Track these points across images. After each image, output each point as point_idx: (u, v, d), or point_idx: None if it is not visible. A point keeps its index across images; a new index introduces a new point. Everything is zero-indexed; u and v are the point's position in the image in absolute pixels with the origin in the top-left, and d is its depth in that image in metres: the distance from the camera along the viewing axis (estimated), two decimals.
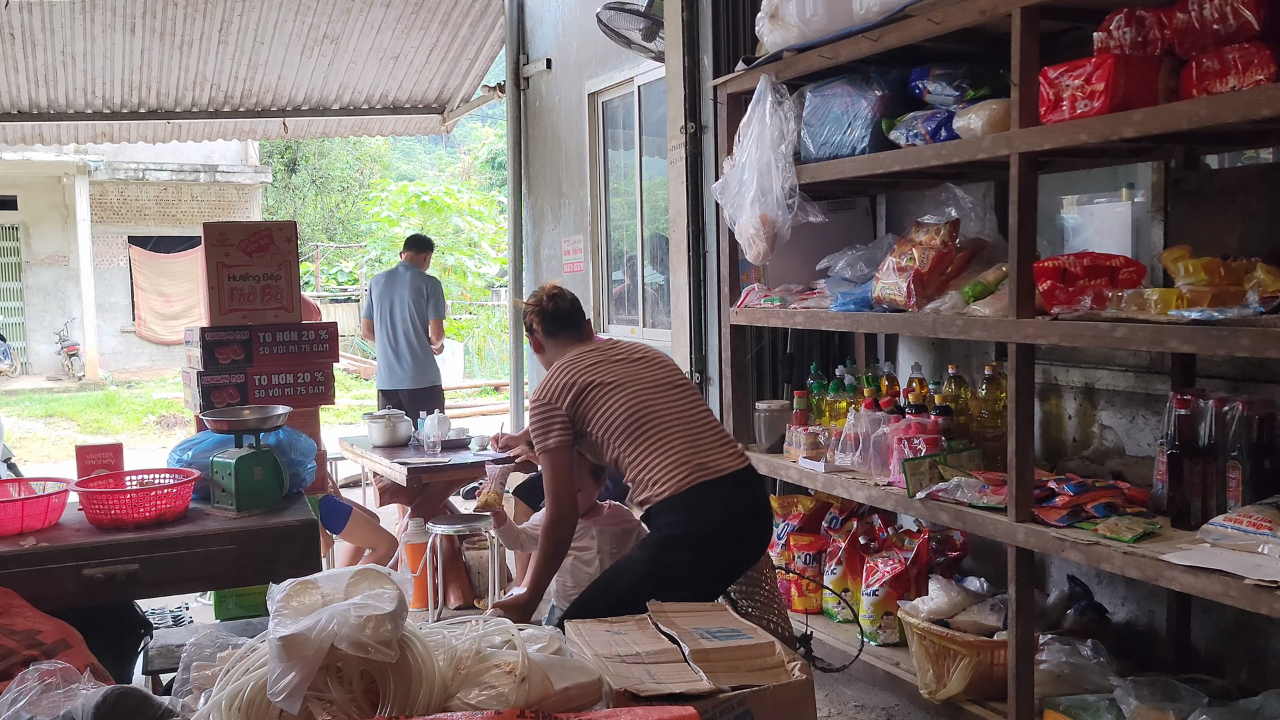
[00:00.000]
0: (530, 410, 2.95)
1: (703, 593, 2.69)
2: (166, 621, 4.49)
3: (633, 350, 3.04)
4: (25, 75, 7.45)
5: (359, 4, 7.21)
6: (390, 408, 6.27)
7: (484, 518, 4.82)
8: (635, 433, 2.81)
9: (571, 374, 2.91)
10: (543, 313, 3.14)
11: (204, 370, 3.77)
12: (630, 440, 2.81)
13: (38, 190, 16.37)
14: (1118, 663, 2.98)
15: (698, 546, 2.73)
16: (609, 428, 2.83)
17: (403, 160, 28.55)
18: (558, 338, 3.13)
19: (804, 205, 3.47)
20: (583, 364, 2.93)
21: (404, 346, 6.42)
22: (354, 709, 1.49)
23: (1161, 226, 3.13)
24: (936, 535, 3.67)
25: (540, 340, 3.16)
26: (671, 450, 2.79)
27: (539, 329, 3.15)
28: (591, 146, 6.73)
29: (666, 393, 2.91)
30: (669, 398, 2.90)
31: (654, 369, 2.97)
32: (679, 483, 2.74)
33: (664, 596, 2.61)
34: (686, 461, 2.77)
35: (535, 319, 3.15)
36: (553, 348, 3.12)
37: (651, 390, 2.89)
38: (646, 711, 1.49)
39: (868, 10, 3.10)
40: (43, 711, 1.76)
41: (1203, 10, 2.36)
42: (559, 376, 2.92)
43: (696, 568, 2.73)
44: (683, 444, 2.80)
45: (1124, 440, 3.30)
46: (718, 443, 2.87)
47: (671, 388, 2.93)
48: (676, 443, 2.80)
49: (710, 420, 2.93)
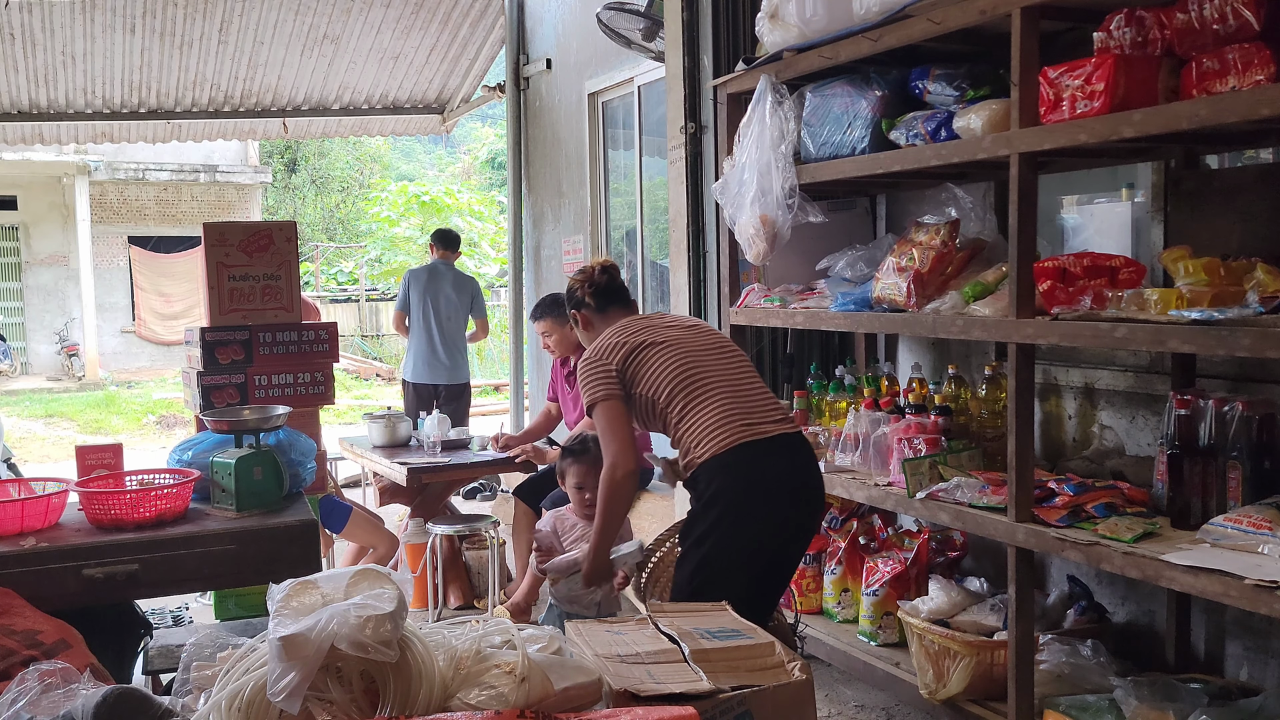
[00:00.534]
0: (580, 370, 2.92)
1: (754, 559, 2.72)
2: (166, 621, 4.49)
3: (681, 319, 3.05)
4: (25, 75, 7.45)
5: (359, 4, 7.21)
6: (416, 401, 6.49)
7: (484, 517, 4.82)
8: (681, 393, 2.79)
9: (623, 335, 2.90)
10: (595, 285, 3.11)
11: (204, 370, 3.77)
12: (676, 400, 2.79)
13: (38, 190, 16.37)
14: (1118, 663, 2.98)
15: (738, 509, 2.69)
16: (656, 387, 2.81)
17: (403, 160, 28.55)
18: (607, 313, 3.10)
19: (804, 205, 3.47)
20: (633, 328, 2.93)
21: (447, 342, 6.59)
22: (354, 709, 1.49)
23: (1161, 226, 3.13)
24: (936, 535, 3.67)
25: (589, 315, 3.12)
26: (716, 411, 2.75)
27: (590, 302, 3.11)
28: (591, 146, 6.73)
29: (715, 355, 2.88)
30: (718, 360, 2.87)
31: (703, 334, 2.96)
32: (720, 443, 2.71)
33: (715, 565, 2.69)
34: (731, 422, 2.73)
35: (586, 293, 3.11)
36: (601, 323, 3.09)
37: (700, 352, 2.86)
38: (646, 711, 1.49)
39: (868, 10, 3.10)
40: (43, 711, 1.76)
41: (1203, 10, 2.36)
42: (610, 337, 2.92)
43: (739, 533, 2.69)
44: (728, 405, 2.76)
45: (1124, 440, 3.30)
46: (765, 406, 2.82)
47: (721, 352, 2.90)
48: (722, 403, 2.76)
49: (759, 385, 2.89)
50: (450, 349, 6.64)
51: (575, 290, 3.15)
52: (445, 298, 6.65)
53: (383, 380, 16.44)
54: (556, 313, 4.88)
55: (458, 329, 6.71)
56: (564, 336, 4.91)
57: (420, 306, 6.62)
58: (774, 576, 2.83)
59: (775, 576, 2.83)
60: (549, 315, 4.91)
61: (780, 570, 2.85)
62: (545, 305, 4.97)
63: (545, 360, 6.07)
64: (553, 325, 4.91)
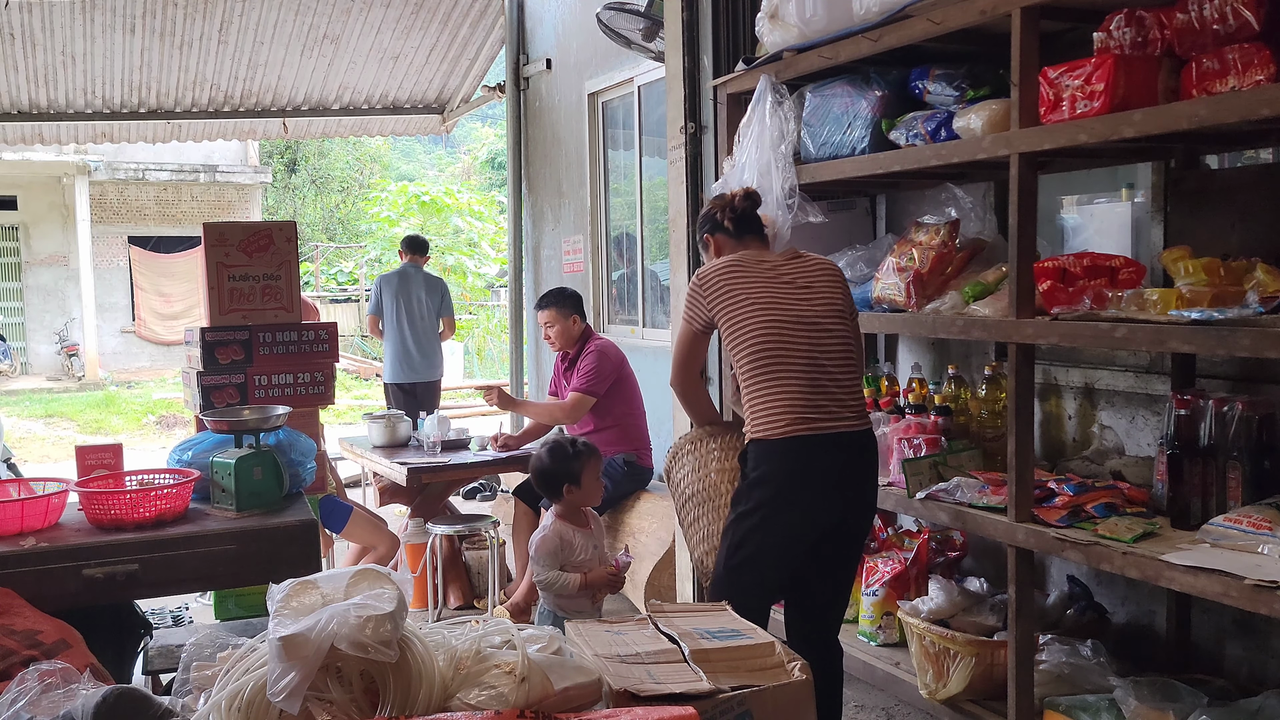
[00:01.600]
0: (691, 283, 2.91)
1: (789, 549, 2.74)
2: (166, 621, 4.49)
3: (801, 274, 2.86)
4: (25, 75, 7.45)
5: (359, 4, 7.21)
6: (401, 400, 6.76)
7: (484, 517, 4.82)
8: (756, 364, 2.74)
9: (730, 278, 2.82)
10: (735, 211, 3.01)
11: (204, 370, 3.77)
12: (749, 368, 2.76)
13: (38, 190, 16.37)
14: (1118, 663, 2.98)
15: (778, 499, 2.69)
16: (736, 347, 2.78)
17: (403, 160, 28.55)
18: (743, 239, 3.00)
19: (804, 205, 3.47)
20: (745, 266, 2.84)
21: (421, 342, 6.84)
22: (354, 709, 1.49)
23: (1161, 226, 3.13)
24: (936, 535, 3.67)
25: (724, 240, 3.01)
26: (782, 394, 2.70)
27: (729, 227, 3.00)
28: (591, 146, 6.73)
29: (808, 331, 2.75)
30: (808, 337, 2.75)
31: (812, 302, 2.80)
32: (777, 429, 2.69)
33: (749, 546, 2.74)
34: (793, 410, 2.69)
35: (726, 217, 3.01)
36: (735, 250, 2.98)
37: (792, 325, 2.75)
38: (646, 711, 1.49)
39: (868, 10, 3.10)
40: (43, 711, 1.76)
41: (1203, 10, 2.36)
42: (721, 274, 2.84)
43: (777, 521, 2.70)
44: (798, 391, 2.70)
45: (1124, 440, 3.30)
46: (839, 397, 2.74)
47: (817, 328, 2.77)
48: (792, 387, 2.70)
49: (846, 370, 2.79)
50: (423, 347, 6.87)
51: (715, 214, 3.05)
52: (417, 299, 6.86)
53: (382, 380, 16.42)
54: (561, 304, 4.91)
55: (430, 328, 6.93)
56: (565, 329, 4.91)
57: (393, 309, 6.83)
58: (812, 570, 2.83)
59: (814, 571, 2.83)
60: (553, 306, 4.93)
61: (821, 566, 2.83)
62: (551, 296, 4.99)
63: (545, 360, 6.08)
64: (556, 316, 4.92)
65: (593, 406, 4.82)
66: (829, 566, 2.85)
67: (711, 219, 3.06)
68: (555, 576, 3.28)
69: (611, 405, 4.86)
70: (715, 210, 3.06)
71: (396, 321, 6.81)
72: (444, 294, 7.08)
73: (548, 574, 3.29)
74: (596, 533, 3.42)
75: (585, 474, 3.37)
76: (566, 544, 3.32)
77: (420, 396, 6.79)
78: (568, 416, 4.83)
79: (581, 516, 3.43)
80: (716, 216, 3.04)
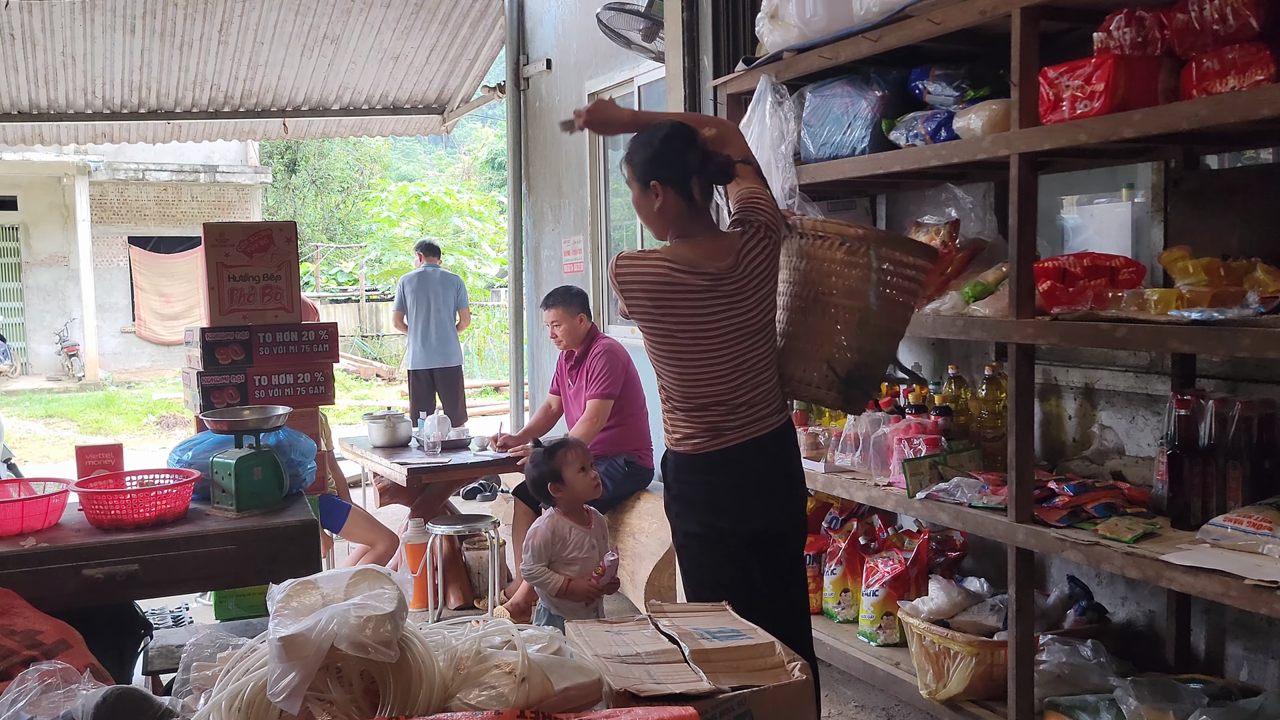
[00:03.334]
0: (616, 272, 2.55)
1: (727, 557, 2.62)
2: (166, 621, 4.49)
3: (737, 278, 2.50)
4: (25, 75, 7.45)
5: (359, 4, 7.21)
6: (422, 385, 7.67)
7: (484, 517, 4.82)
8: (676, 385, 2.58)
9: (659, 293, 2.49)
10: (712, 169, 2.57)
11: (204, 370, 3.77)
12: (667, 386, 2.61)
13: (38, 190, 16.37)
14: (1118, 663, 2.98)
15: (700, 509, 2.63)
16: (655, 359, 2.60)
17: (403, 160, 28.55)
18: (699, 216, 2.59)
19: (804, 205, 3.47)
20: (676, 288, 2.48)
21: (440, 332, 7.64)
22: (354, 709, 1.49)
23: (1161, 227, 3.13)
24: (936, 535, 3.67)
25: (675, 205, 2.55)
26: (704, 415, 2.56)
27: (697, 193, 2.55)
28: (591, 147, 6.73)
29: (735, 345, 2.53)
30: (735, 351, 2.53)
31: (744, 312, 2.52)
32: (693, 445, 2.59)
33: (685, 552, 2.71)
34: (713, 427, 2.56)
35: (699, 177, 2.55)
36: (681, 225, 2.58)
37: (719, 350, 2.53)
38: (646, 712, 1.49)
39: (868, 10, 3.10)
40: (43, 712, 1.76)
41: (1203, 10, 2.36)
42: (651, 282, 2.49)
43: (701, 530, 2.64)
44: (719, 410, 2.55)
45: (1124, 440, 3.30)
46: (758, 400, 2.57)
47: (745, 335, 2.54)
48: (712, 409, 2.55)
49: (767, 365, 2.59)
50: (443, 338, 7.66)
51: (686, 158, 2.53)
52: (436, 295, 7.64)
53: (383, 380, 16.44)
54: (568, 303, 4.91)
55: (448, 320, 7.71)
56: (572, 328, 4.91)
57: (415, 305, 7.61)
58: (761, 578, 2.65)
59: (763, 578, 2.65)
60: (560, 305, 4.92)
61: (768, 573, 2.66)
62: (557, 295, 4.98)
63: (545, 361, 6.09)
64: (562, 315, 4.91)
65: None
66: (775, 572, 2.69)
67: (678, 164, 2.54)
68: (540, 571, 3.29)
69: (618, 405, 4.86)
70: (687, 153, 2.55)
71: (418, 316, 7.57)
72: (459, 289, 7.87)
73: (534, 566, 3.31)
74: (597, 532, 3.42)
75: (565, 468, 3.36)
76: (559, 538, 3.33)
77: (439, 382, 7.63)
78: (595, 425, 4.79)
79: (582, 515, 3.43)
80: (685, 165, 2.55)
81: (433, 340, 7.59)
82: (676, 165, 2.55)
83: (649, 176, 2.57)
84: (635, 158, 2.61)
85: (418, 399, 7.65)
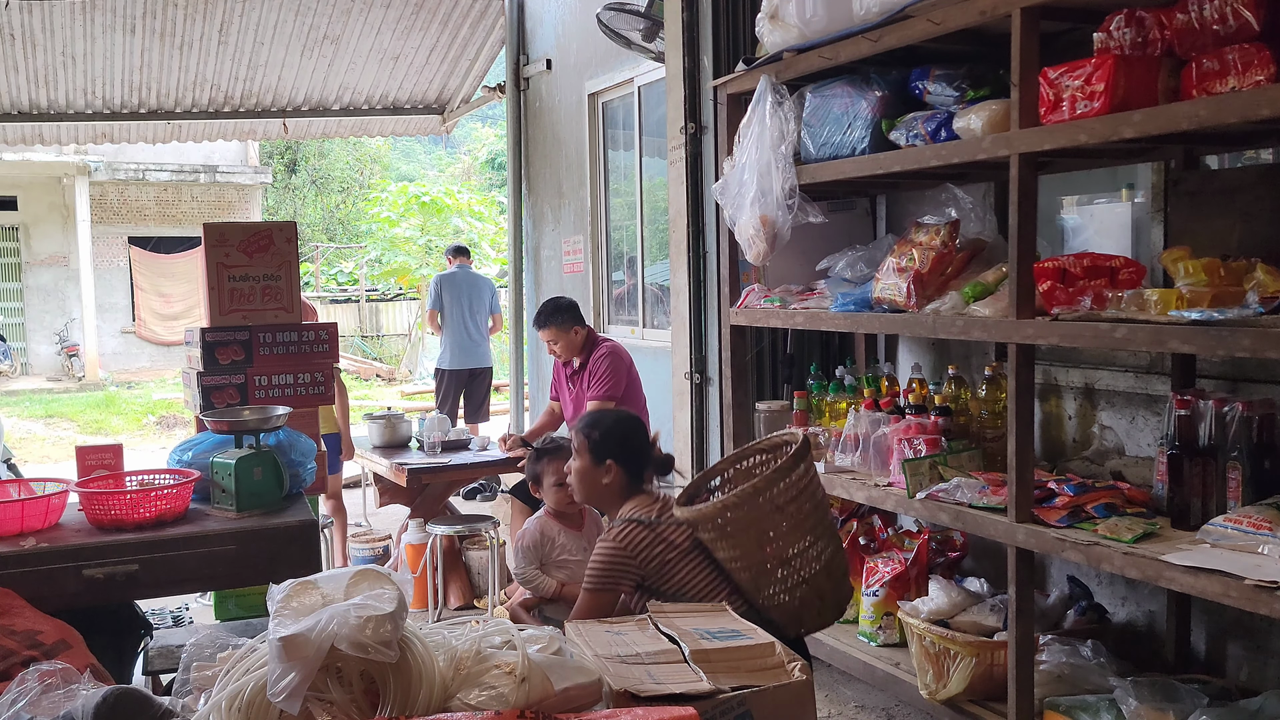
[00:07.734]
0: (596, 554, 2.62)
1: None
2: (166, 621, 4.49)
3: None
4: (25, 75, 7.45)
5: (359, 4, 7.21)
6: (453, 385, 7.72)
7: (484, 517, 4.82)
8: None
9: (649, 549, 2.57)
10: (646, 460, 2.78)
11: (204, 371, 3.77)
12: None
13: (38, 190, 16.37)
14: (1118, 663, 2.98)
15: None
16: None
17: (403, 161, 28.54)
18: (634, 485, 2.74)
19: (804, 206, 3.47)
20: (656, 547, 2.57)
21: (474, 333, 7.75)
22: (354, 709, 1.49)
23: (1161, 227, 3.13)
24: (936, 536, 3.67)
25: (617, 478, 2.72)
26: None
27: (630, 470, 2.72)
28: (591, 147, 6.73)
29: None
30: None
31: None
32: None
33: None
34: None
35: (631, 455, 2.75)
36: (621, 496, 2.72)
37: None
38: (646, 712, 1.49)
39: (868, 11, 3.10)
40: (43, 712, 1.76)
41: (1203, 11, 2.36)
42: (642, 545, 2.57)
43: None
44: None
45: (1124, 440, 3.30)
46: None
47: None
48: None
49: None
50: (477, 339, 7.78)
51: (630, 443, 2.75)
52: (469, 296, 7.71)
53: (383, 380, 16.44)
54: (559, 320, 4.83)
55: (482, 322, 7.82)
56: (570, 342, 4.89)
57: (451, 306, 7.69)
58: None
59: None
60: (552, 324, 4.84)
61: None
62: (546, 314, 4.89)
63: (545, 361, 6.08)
64: (557, 333, 4.86)
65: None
66: None
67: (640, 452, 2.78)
68: (534, 575, 3.29)
69: (619, 406, 4.85)
70: (646, 445, 2.82)
71: (454, 316, 7.66)
72: (493, 293, 7.96)
73: (526, 570, 3.31)
74: (590, 534, 3.40)
75: (544, 474, 3.42)
76: (548, 540, 3.34)
77: (469, 383, 7.73)
78: None
79: (575, 518, 3.43)
80: (644, 455, 2.78)
81: (467, 341, 7.69)
82: (636, 452, 2.77)
83: (606, 455, 2.74)
84: (594, 434, 2.76)
85: (446, 399, 7.69)
